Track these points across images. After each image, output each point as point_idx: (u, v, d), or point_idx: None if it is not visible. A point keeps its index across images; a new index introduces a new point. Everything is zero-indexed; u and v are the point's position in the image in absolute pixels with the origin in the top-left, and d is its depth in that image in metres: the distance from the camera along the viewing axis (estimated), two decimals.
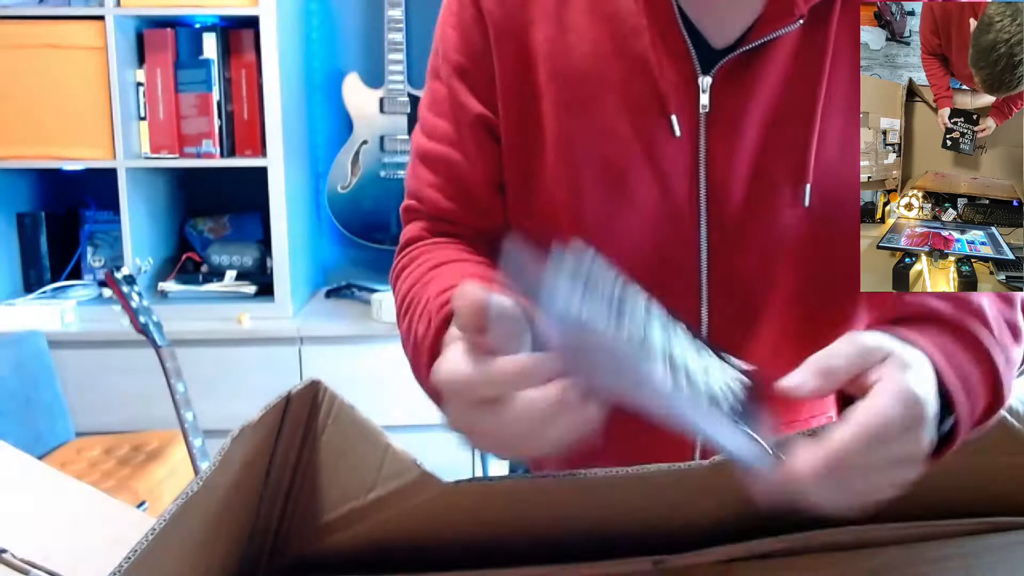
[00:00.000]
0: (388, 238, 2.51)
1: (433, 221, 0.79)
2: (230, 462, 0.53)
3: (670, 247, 0.73)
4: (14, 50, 2.18)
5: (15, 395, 1.96)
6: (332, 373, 2.22)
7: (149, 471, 1.93)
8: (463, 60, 0.77)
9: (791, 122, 0.70)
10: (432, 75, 0.80)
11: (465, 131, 0.77)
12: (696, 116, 0.71)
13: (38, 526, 0.67)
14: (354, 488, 0.60)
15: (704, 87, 0.70)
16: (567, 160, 0.74)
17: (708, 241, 0.73)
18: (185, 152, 2.28)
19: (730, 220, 0.72)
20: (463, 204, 0.78)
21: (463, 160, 0.77)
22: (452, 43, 0.77)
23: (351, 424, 0.60)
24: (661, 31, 0.70)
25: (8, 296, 2.35)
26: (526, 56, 0.74)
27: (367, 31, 2.55)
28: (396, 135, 2.47)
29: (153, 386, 1.84)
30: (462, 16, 0.77)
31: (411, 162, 0.82)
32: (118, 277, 1.80)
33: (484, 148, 0.77)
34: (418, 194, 0.80)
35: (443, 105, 0.78)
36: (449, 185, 0.78)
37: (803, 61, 0.70)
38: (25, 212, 2.43)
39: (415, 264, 0.76)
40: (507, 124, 0.76)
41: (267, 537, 0.63)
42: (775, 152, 0.71)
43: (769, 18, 0.69)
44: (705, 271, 0.73)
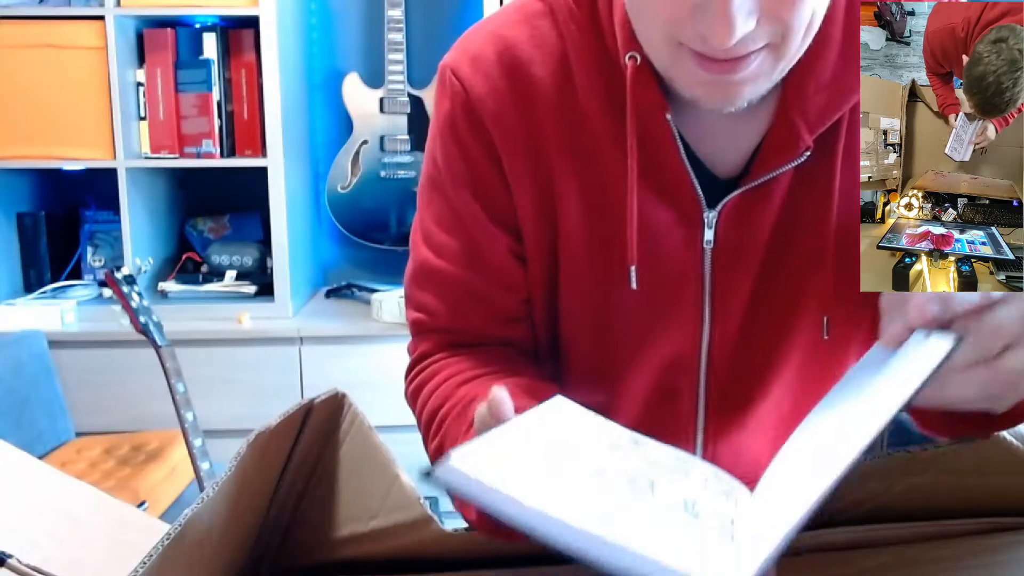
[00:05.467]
0: (388, 238, 2.51)
1: (445, 334, 0.77)
2: (244, 466, 0.54)
3: (674, 371, 0.75)
4: (14, 50, 2.18)
5: (15, 395, 1.96)
6: (332, 373, 2.22)
7: (149, 471, 1.93)
8: (471, 178, 0.73)
9: (798, 250, 0.70)
10: (432, 185, 0.76)
11: (483, 252, 0.74)
12: (700, 250, 0.70)
13: (38, 526, 0.67)
14: (358, 512, 0.61)
15: (710, 222, 0.69)
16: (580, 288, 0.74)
17: (708, 362, 0.74)
18: (185, 152, 2.28)
19: (731, 345, 0.73)
20: (478, 319, 0.76)
21: (479, 280, 0.74)
22: (456, 159, 0.73)
23: (367, 446, 0.61)
24: (663, 166, 0.68)
25: (8, 296, 2.34)
26: (544, 181, 0.72)
27: (367, 31, 2.55)
28: (396, 135, 2.47)
29: (153, 386, 1.84)
30: (461, 134, 0.72)
31: (415, 273, 0.78)
32: (118, 277, 1.80)
33: (506, 268, 0.74)
34: (428, 310, 0.77)
35: (450, 221, 0.74)
36: (462, 303, 0.75)
37: (809, 188, 0.69)
38: (25, 212, 2.43)
39: (435, 381, 0.73)
40: (531, 248, 0.74)
41: (273, 540, 0.63)
42: (781, 280, 0.71)
43: (773, 150, 0.67)
44: (703, 386, 0.75)
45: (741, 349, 0.73)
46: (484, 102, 0.70)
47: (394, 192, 2.48)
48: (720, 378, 0.74)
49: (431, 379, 0.74)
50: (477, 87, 0.70)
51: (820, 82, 0.65)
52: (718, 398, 0.75)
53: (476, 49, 0.72)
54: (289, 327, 2.24)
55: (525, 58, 0.70)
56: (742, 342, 0.73)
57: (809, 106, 0.65)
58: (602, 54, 0.68)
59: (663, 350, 0.74)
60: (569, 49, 0.69)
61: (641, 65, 0.65)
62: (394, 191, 2.48)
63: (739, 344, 0.73)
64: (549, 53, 0.70)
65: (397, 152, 2.47)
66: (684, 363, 0.74)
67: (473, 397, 0.67)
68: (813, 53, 0.63)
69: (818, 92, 0.65)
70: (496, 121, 0.70)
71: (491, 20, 0.74)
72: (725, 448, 0.77)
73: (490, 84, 0.70)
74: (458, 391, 0.70)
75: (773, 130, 0.67)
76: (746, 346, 0.73)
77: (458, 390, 0.70)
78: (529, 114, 0.70)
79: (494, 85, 0.70)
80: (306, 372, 2.23)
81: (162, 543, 0.46)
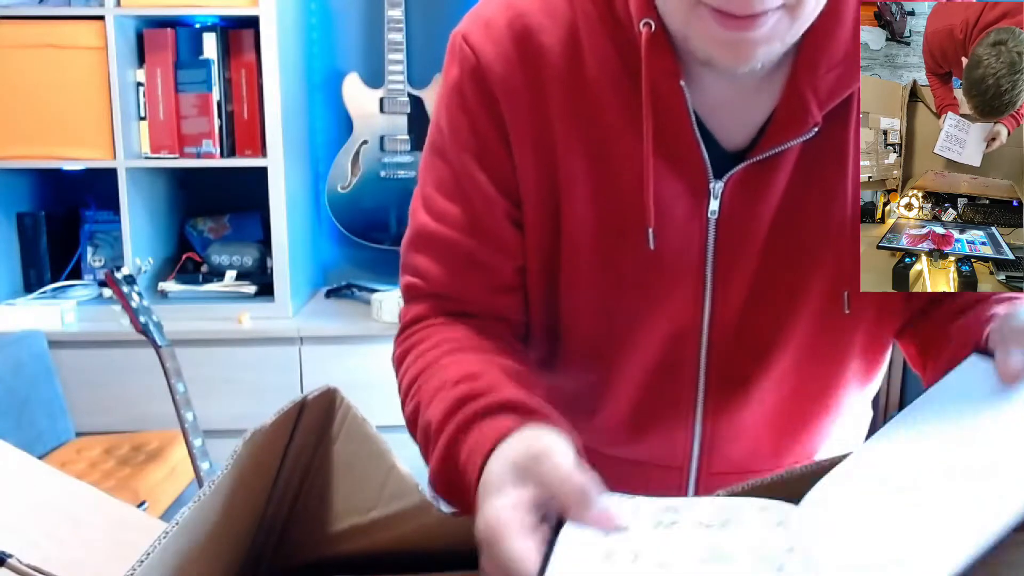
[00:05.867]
0: (388, 238, 2.51)
1: (439, 300, 0.77)
2: (241, 465, 0.53)
3: (674, 345, 0.75)
4: (14, 50, 2.18)
5: (15, 395, 1.96)
6: (332, 373, 2.22)
7: (149, 471, 1.93)
8: (476, 144, 0.73)
9: (804, 227, 0.70)
10: (435, 151, 0.77)
11: (483, 218, 0.74)
12: (705, 220, 0.71)
13: (38, 526, 0.67)
14: (357, 504, 0.60)
15: (716, 193, 0.70)
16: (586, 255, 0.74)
17: (709, 336, 0.74)
18: (185, 152, 2.28)
19: (733, 320, 0.73)
20: (474, 286, 0.76)
21: (479, 247, 0.75)
22: (462, 125, 0.74)
23: (362, 438, 0.61)
24: (673, 135, 0.69)
25: (8, 296, 2.34)
26: (546, 146, 0.72)
27: (367, 31, 2.55)
28: (396, 135, 2.47)
29: (153, 386, 1.84)
30: (468, 100, 0.73)
31: (412, 237, 0.78)
32: (118, 277, 1.80)
33: (504, 235, 0.75)
34: (424, 274, 0.77)
35: (452, 187, 0.75)
36: (460, 269, 0.75)
37: (816, 165, 0.69)
38: (25, 212, 2.43)
39: (423, 345, 0.73)
40: (532, 217, 0.74)
41: (270, 539, 0.63)
42: (783, 256, 0.71)
43: (782, 124, 0.67)
44: (704, 361, 0.75)
45: (743, 324, 0.73)
46: (492, 68, 0.71)
47: (394, 192, 2.48)
48: (721, 353, 0.74)
49: (419, 344, 0.74)
50: (487, 53, 0.71)
51: (832, 59, 0.66)
52: (718, 374, 0.75)
53: (488, 16, 0.73)
54: (289, 327, 2.24)
55: (535, 26, 0.71)
56: (744, 317, 0.73)
57: (820, 82, 0.66)
58: (612, 22, 0.69)
59: (665, 322, 0.74)
60: (579, 18, 0.70)
61: (656, 32, 0.65)
62: (394, 191, 2.48)
63: (741, 319, 0.73)
64: (559, 22, 0.71)
65: (397, 152, 2.47)
66: (685, 336, 0.74)
67: (456, 373, 0.67)
68: (826, 30, 0.64)
69: (830, 70, 0.66)
70: (503, 87, 0.71)
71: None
72: (724, 425, 0.77)
73: (499, 51, 0.71)
74: (444, 358, 0.70)
75: (783, 104, 0.67)
76: (748, 322, 0.73)
77: (444, 357, 0.70)
78: (537, 82, 0.71)
79: (503, 52, 0.71)
80: (306, 372, 2.23)
81: (159, 541, 0.46)
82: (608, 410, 0.80)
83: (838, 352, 0.75)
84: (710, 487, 0.80)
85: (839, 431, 0.82)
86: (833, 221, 0.70)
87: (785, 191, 0.70)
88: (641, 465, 0.81)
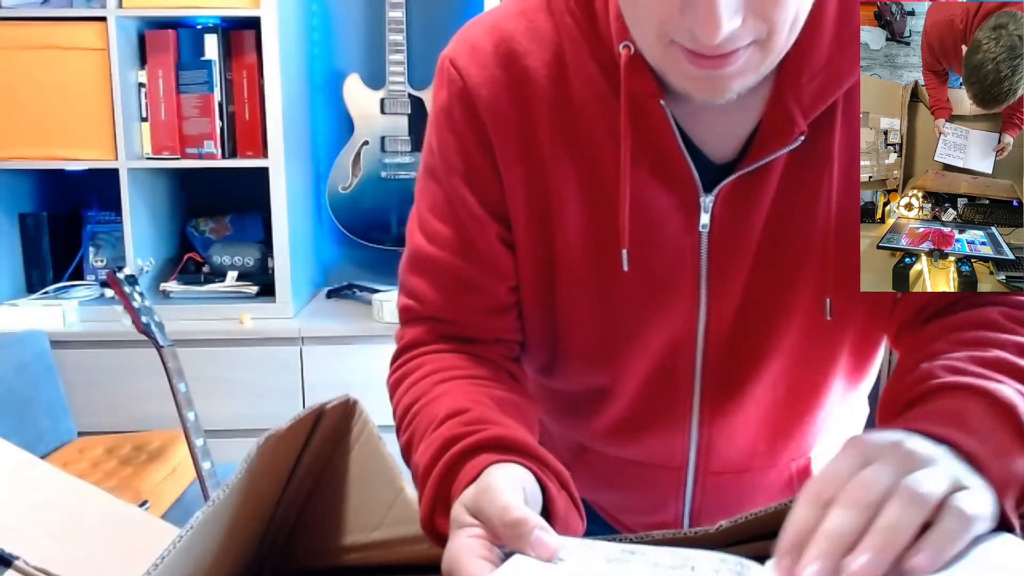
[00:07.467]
0: (389, 238, 2.51)
1: (435, 324, 0.77)
2: (254, 469, 0.54)
3: (670, 354, 0.76)
4: (16, 51, 2.19)
5: (17, 395, 1.96)
6: (333, 373, 2.22)
7: (151, 471, 1.93)
8: (464, 167, 0.74)
9: (794, 235, 0.71)
10: (428, 173, 0.78)
11: (475, 240, 0.75)
12: (697, 234, 0.71)
13: (40, 525, 0.67)
14: (362, 522, 0.61)
15: (706, 207, 0.70)
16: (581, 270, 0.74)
17: (704, 345, 0.75)
18: (187, 153, 2.28)
19: (727, 328, 0.74)
20: (469, 309, 0.76)
21: (472, 269, 0.75)
22: (451, 147, 0.74)
23: (375, 456, 0.61)
24: (660, 152, 0.69)
25: (10, 296, 2.35)
26: (536, 169, 0.72)
27: (368, 32, 2.56)
28: (397, 136, 2.47)
29: (155, 386, 1.84)
30: (456, 122, 0.74)
31: (408, 258, 0.79)
32: (120, 277, 1.80)
33: (497, 256, 0.75)
34: (420, 297, 0.77)
35: (444, 209, 0.76)
36: (454, 292, 0.76)
37: (804, 173, 0.69)
38: (27, 212, 2.43)
39: (415, 375, 0.74)
40: (523, 238, 0.74)
41: (276, 545, 0.63)
42: (774, 263, 0.72)
43: (768, 135, 0.68)
44: (699, 368, 0.76)
45: (737, 332, 0.74)
46: (480, 92, 0.72)
47: (395, 193, 2.48)
48: (716, 361, 0.76)
49: (413, 372, 0.75)
50: (473, 77, 0.72)
51: (814, 68, 0.66)
52: (714, 381, 0.76)
53: (474, 40, 0.73)
54: (290, 327, 2.24)
55: (521, 50, 0.72)
56: (738, 325, 0.74)
57: (803, 92, 0.66)
58: (597, 45, 0.69)
59: (661, 334, 0.75)
60: (564, 40, 0.71)
61: (635, 54, 0.66)
62: (395, 192, 2.48)
63: (735, 327, 0.74)
64: (544, 45, 0.71)
65: (398, 153, 2.48)
66: (681, 346, 0.75)
67: (445, 407, 0.67)
68: (805, 40, 0.64)
69: (812, 78, 0.66)
70: (490, 111, 0.72)
71: (491, 13, 0.76)
72: (720, 427, 0.78)
73: (486, 74, 0.72)
74: (434, 389, 0.70)
75: (768, 116, 0.68)
76: (742, 329, 0.74)
77: (435, 388, 0.71)
78: (524, 104, 0.71)
79: (490, 75, 0.72)
80: (307, 372, 2.23)
81: (174, 545, 0.46)
82: (607, 415, 0.81)
83: (829, 353, 0.76)
84: (709, 486, 0.81)
85: (835, 426, 0.83)
86: (820, 225, 0.70)
87: (774, 199, 0.70)
88: (641, 465, 0.82)
